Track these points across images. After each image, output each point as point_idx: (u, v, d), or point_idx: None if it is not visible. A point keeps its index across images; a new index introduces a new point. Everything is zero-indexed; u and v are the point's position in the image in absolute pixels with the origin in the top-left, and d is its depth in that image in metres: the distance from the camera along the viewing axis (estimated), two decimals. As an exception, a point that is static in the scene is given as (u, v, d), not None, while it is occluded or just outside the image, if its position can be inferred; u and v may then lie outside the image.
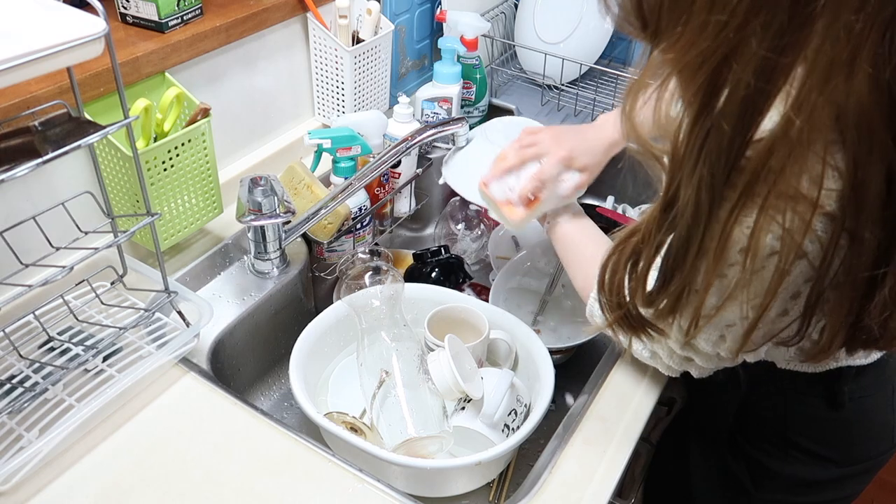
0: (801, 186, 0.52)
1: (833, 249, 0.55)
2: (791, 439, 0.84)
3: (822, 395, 0.81)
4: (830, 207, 0.53)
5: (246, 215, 0.96)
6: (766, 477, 0.87)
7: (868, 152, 0.51)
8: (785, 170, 0.51)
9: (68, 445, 0.75)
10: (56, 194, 0.87)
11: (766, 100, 0.49)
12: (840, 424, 0.83)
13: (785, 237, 0.54)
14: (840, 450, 0.84)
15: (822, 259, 0.55)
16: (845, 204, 0.53)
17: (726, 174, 0.53)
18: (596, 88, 1.43)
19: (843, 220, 0.53)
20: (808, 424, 0.83)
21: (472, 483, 0.86)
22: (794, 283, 0.59)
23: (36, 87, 0.81)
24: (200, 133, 0.94)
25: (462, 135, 1.12)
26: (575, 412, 0.85)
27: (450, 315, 0.97)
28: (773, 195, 0.53)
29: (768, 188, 0.52)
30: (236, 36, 1.04)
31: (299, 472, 0.76)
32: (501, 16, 1.49)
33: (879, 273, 0.56)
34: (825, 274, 0.56)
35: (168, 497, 0.73)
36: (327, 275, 1.13)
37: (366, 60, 1.20)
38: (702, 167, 0.52)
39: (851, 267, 0.56)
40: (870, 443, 0.86)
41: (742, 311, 0.60)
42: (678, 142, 0.54)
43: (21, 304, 0.80)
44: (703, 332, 0.65)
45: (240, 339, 1.00)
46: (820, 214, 0.53)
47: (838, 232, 0.54)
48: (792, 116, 0.48)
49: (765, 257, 0.56)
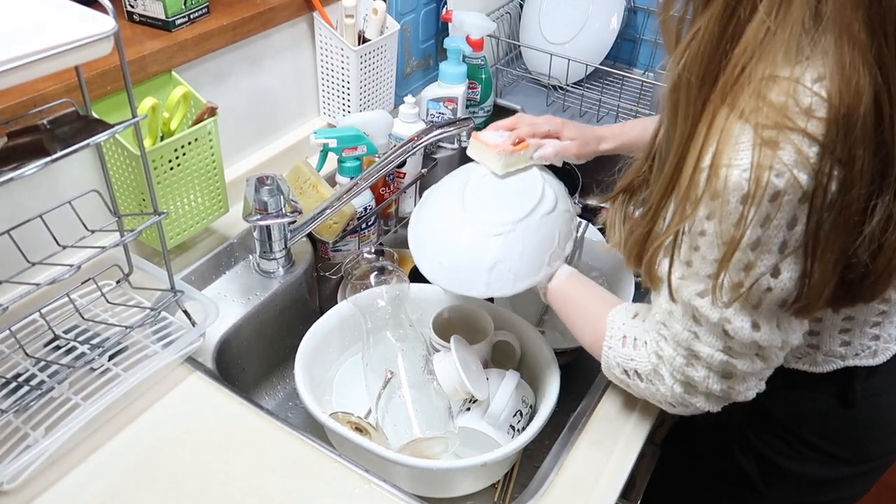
0: (780, 102, 0.56)
1: (827, 178, 0.57)
2: (803, 437, 0.84)
3: (834, 393, 0.80)
4: (820, 135, 0.56)
5: (252, 214, 0.96)
6: (777, 475, 0.87)
7: (852, 70, 0.55)
8: (761, 61, 0.58)
9: (74, 444, 0.75)
10: (63, 193, 0.87)
11: (738, 18, 0.58)
12: (852, 423, 0.82)
13: (761, 163, 0.57)
14: (851, 448, 0.84)
15: (815, 188, 0.57)
16: (835, 131, 0.56)
17: (702, 75, 0.61)
18: (601, 89, 1.42)
19: (832, 148, 0.56)
20: (821, 422, 0.83)
21: (477, 484, 0.86)
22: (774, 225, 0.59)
23: (44, 86, 0.81)
24: (207, 132, 0.94)
25: (467, 136, 1.12)
26: (581, 413, 0.84)
27: (455, 316, 0.97)
28: (755, 102, 0.57)
29: (750, 91, 0.58)
30: (243, 35, 1.04)
31: (304, 471, 0.76)
32: (507, 16, 1.49)
33: (871, 205, 0.58)
34: (821, 206, 0.58)
35: (173, 496, 0.73)
36: (332, 274, 1.13)
37: (371, 60, 1.20)
38: (681, 68, 0.62)
39: (842, 189, 0.57)
40: (882, 442, 0.86)
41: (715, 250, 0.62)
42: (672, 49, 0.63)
43: (27, 303, 0.80)
44: (687, 281, 0.66)
45: (245, 338, 1.00)
46: (811, 142, 0.56)
47: (829, 161, 0.56)
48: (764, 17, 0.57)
49: (731, 189, 0.59)
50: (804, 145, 0.56)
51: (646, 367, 0.74)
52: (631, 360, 0.76)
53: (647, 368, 0.74)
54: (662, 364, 0.72)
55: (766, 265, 0.61)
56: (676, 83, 0.64)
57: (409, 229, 0.93)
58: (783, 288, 0.62)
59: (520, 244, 0.84)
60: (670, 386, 0.72)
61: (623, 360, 0.76)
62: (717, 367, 0.68)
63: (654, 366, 0.73)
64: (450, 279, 0.86)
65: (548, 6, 1.46)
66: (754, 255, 0.61)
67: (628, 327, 0.77)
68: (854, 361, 0.78)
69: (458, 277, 0.86)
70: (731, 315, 0.64)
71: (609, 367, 0.79)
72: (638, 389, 0.77)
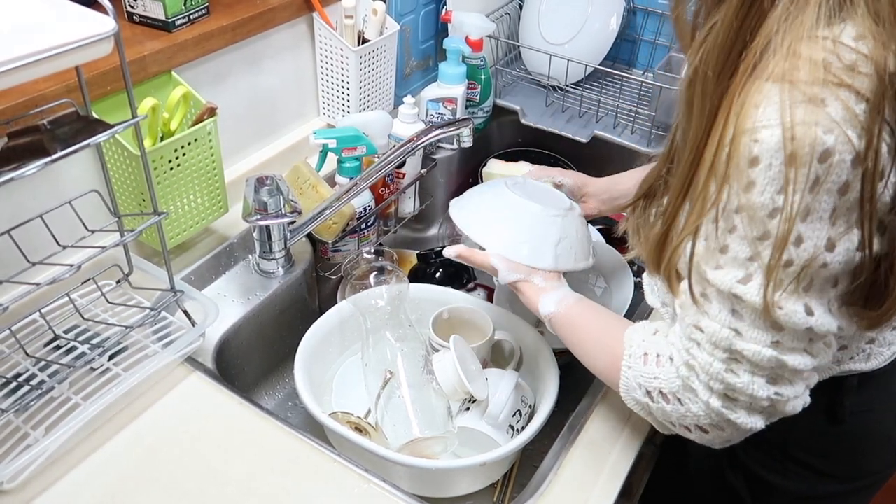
0: (822, 58, 0.52)
1: (877, 138, 0.52)
2: (790, 453, 0.82)
3: (821, 408, 0.77)
4: (868, 92, 0.52)
5: (252, 215, 0.96)
6: (766, 492, 0.85)
7: (893, 37, 0.52)
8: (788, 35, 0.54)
9: (74, 444, 0.76)
10: (63, 193, 0.87)
11: (759, 5, 0.55)
12: (840, 439, 0.80)
13: (795, 122, 0.52)
14: (841, 465, 0.82)
15: (867, 148, 0.52)
16: (881, 89, 0.52)
17: (720, 68, 0.58)
18: (601, 90, 1.43)
19: (881, 107, 0.52)
20: (808, 439, 0.80)
21: (476, 483, 0.86)
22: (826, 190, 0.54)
23: (44, 86, 0.81)
24: (206, 132, 0.94)
25: (466, 136, 1.13)
26: (580, 413, 0.85)
27: (454, 316, 0.97)
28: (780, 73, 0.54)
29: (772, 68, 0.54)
30: (242, 35, 1.05)
31: (304, 471, 0.76)
32: (506, 16, 1.49)
33: None
34: (873, 170, 0.53)
35: (173, 495, 0.73)
36: (332, 275, 1.13)
37: (371, 60, 1.20)
38: (698, 62, 0.59)
39: None
40: (872, 458, 0.83)
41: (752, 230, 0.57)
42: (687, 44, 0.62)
43: (27, 303, 0.80)
44: (724, 270, 0.59)
45: (244, 338, 1.00)
46: (859, 99, 0.52)
47: (878, 120, 0.52)
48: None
49: (773, 150, 0.54)
50: (851, 101, 0.52)
51: (673, 384, 0.66)
52: (654, 379, 0.67)
53: (675, 385, 0.66)
54: (694, 375, 0.64)
55: (820, 237, 0.54)
56: (693, 78, 0.60)
57: (458, 215, 0.94)
58: (839, 262, 0.56)
59: (573, 228, 0.91)
60: (706, 401, 0.63)
61: (646, 380, 0.68)
62: (765, 366, 0.60)
63: (683, 380, 0.65)
64: (518, 252, 0.87)
65: (547, 7, 1.46)
66: (804, 225, 0.54)
67: (649, 344, 0.70)
68: (849, 365, 0.75)
69: (528, 250, 0.87)
70: (781, 299, 0.57)
71: (629, 391, 0.71)
72: (662, 413, 0.68)
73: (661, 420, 0.70)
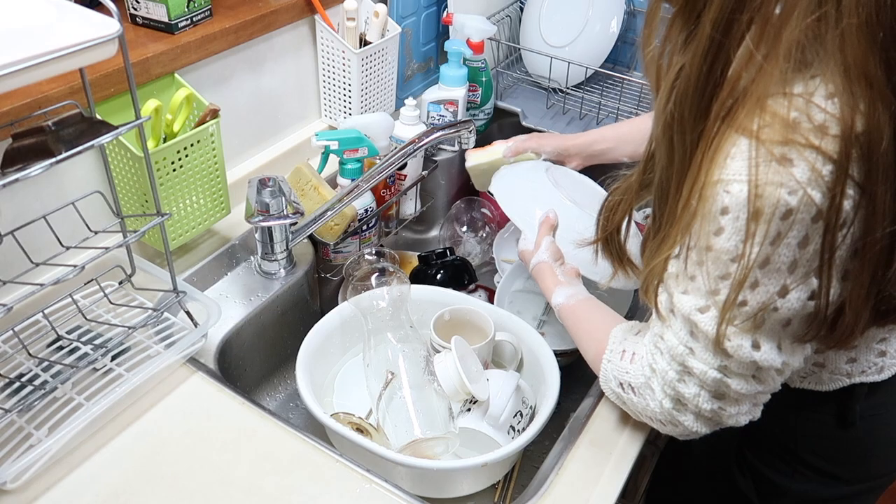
0: (792, 119, 0.55)
1: (840, 197, 0.55)
2: (800, 456, 0.83)
3: (832, 412, 0.80)
4: (834, 153, 0.54)
5: (254, 216, 0.96)
6: (774, 494, 0.86)
7: (863, 99, 0.54)
8: (752, 93, 0.56)
9: (77, 444, 0.76)
10: (66, 194, 0.87)
11: (725, 51, 0.57)
12: (850, 442, 0.81)
13: (759, 177, 0.55)
14: (849, 468, 0.83)
15: (829, 207, 0.55)
16: (848, 149, 0.54)
17: (694, 112, 0.60)
18: (601, 92, 1.43)
19: (847, 166, 0.54)
20: (818, 441, 0.82)
21: (477, 484, 0.86)
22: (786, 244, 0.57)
23: (48, 87, 0.81)
24: (209, 134, 0.94)
25: (467, 138, 1.13)
26: (581, 414, 0.85)
27: (456, 317, 0.97)
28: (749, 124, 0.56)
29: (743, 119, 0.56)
30: (245, 37, 1.05)
31: (306, 471, 0.76)
32: (507, 19, 1.50)
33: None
34: (835, 225, 0.56)
35: (176, 496, 0.73)
36: (333, 276, 1.14)
37: (373, 63, 1.21)
38: (672, 106, 0.60)
39: (867, 228, 0.56)
40: (880, 461, 0.85)
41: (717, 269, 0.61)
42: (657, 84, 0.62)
43: (30, 303, 0.80)
44: (688, 296, 0.64)
45: (246, 339, 1.00)
46: (826, 160, 0.54)
47: (843, 180, 0.55)
48: (752, 49, 0.55)
49: (740, 205, 0.57)
50: (818, 163, 0.54)
51: (638, 380, 0.73)
52: (626, 374, 0.75)
53: (640, 381, 0.73)
54: (655, 377, 0.70)
55: (774, 284, 0.59)
56: (668, 122, 0.62)
57: (504, 202, 1.02)
58: (790, 308, 0.60)
59: None
60: (660, 401, 0.70)
61: (619, 374, 0.76)
62: (710, 385, 0.66)
63: (646, 378, 0.72)
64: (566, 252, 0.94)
65: (548, 9, 1.46)
66: (762, 273, 0.59)
67: (628, 342, 0.76)
68: (860, 378, 0.77)
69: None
70: (731, 333, 0.62)
71: (606, 381, 0.79)
72: (631, 404, 0.76)
73: (632, 409, 0.77)
